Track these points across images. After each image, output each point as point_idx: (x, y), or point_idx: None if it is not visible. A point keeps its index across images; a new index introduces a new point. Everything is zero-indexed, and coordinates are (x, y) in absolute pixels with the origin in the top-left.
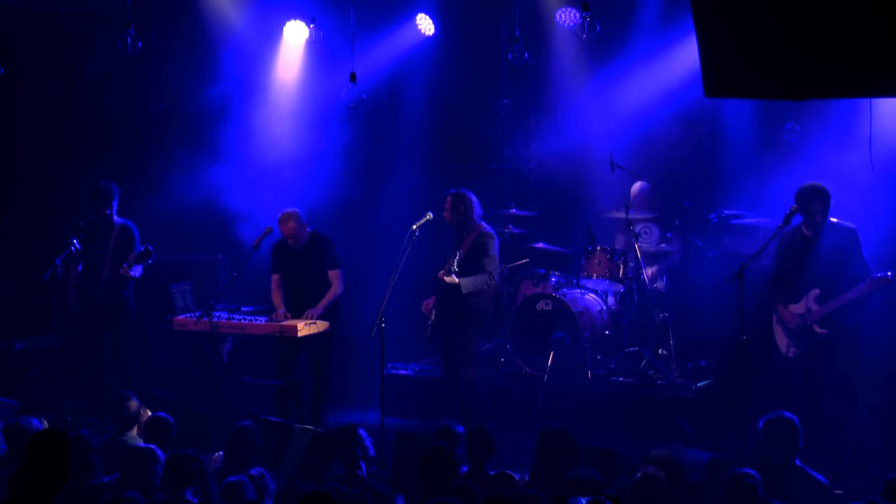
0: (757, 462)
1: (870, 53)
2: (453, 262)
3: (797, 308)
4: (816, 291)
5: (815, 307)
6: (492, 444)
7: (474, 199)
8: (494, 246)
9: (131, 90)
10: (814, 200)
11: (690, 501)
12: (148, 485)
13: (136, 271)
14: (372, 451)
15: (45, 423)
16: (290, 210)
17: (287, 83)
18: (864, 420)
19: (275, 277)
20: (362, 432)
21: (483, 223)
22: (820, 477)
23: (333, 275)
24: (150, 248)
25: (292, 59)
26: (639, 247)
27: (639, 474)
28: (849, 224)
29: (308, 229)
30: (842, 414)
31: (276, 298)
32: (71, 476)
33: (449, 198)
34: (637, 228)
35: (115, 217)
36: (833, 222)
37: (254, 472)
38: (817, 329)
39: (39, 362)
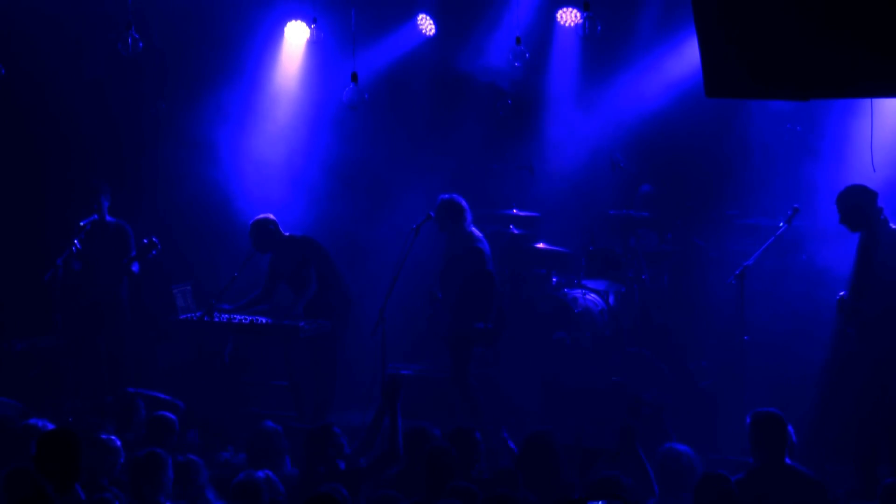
0: (748, 463)
1: (870, 53)
2: None
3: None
4: (843, 294)
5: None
6: (479, 445)
7: (465, 205)
8: (483, 259)
9: (131, 90)
10: (837, 203)
11: None
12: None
13: (135, 267)
14: (347, 449)
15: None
16: (253, 220)
17: (288, 83)
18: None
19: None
20: (336, 430)
21: (474, 230)
22: (813, 474)
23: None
24: (154, 239)
25: (293, 60)
26: (640, 247)
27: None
28: None
29: (285, 234)
30: (863, 418)
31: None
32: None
33: (438, 205)
34: (637, 228)
35: (108, 217)
36: (893, 229)
37: (259, 474)
38: (850, 331)
39: (40, 362)
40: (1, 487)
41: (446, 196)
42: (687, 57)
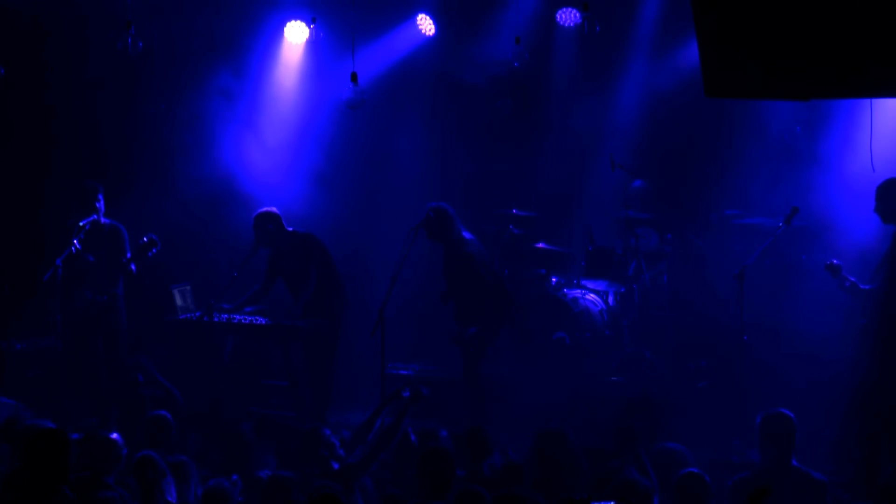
0: (754, 464)
1: (870, 53)
2: None
3: None
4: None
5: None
6: (489, 445)
7: (452, 212)
8: (471, 264)
9: (131, 90)
10: (876, 193)
11: None
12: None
13: (133, 267)
14: (340, 450)
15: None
16: (256, 213)
17: (288, 83)
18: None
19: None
20: (327, 432)
21: (464, 234)
22: (818, 475)
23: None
24: (153, 237)
25: (293, 60)
26: (639, 247)
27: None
28: None
29: (289, 229)
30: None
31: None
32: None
33: (426, 216)
34: (637, 228)
35: (103, 218)
36: None
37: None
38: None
39: (40, 362)
40: (1, 488)
41: (433, 204)
42: (686, 57)
